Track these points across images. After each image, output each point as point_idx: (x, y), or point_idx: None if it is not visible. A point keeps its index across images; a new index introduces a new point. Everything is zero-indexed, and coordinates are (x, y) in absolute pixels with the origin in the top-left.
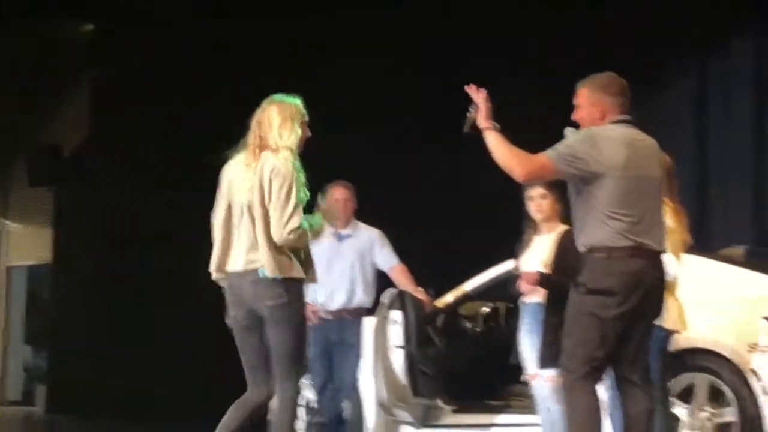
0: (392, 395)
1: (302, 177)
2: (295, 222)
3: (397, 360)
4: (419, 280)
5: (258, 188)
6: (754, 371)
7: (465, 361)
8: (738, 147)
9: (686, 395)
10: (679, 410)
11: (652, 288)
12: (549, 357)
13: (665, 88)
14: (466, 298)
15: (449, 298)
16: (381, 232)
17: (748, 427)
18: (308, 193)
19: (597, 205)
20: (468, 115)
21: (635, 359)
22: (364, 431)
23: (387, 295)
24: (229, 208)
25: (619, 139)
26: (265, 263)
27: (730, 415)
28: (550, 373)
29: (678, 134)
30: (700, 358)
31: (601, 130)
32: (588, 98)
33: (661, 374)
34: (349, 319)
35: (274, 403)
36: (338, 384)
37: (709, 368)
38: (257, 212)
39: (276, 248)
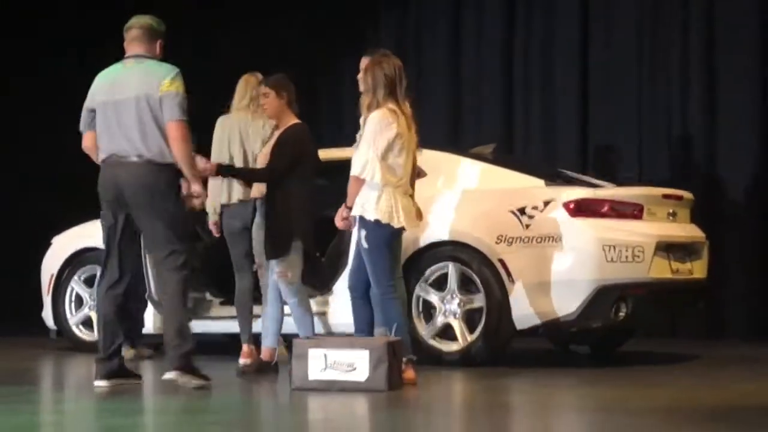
0: (159, 290)
1: None
2: None
3: None
4: None
5: None
6: (501, 261)
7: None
8: (489, 55)
9: (441, 284)
10: (434, 297)
11: (127, 189)
12: (272, 248)
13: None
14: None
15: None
16: None
17: (495, 312)
18: None
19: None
20: None
21: (154, 249)
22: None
23: None
24: None
25: (103, 75)
26: None
27: (478, 301)
28: (278, 267)
29: (434, 43)
30: (452, 250)
31: (100, 73)
32: None
33: (387, 269)
34: None
35: None
36: None
37: (460, 258)
38: None
39: None
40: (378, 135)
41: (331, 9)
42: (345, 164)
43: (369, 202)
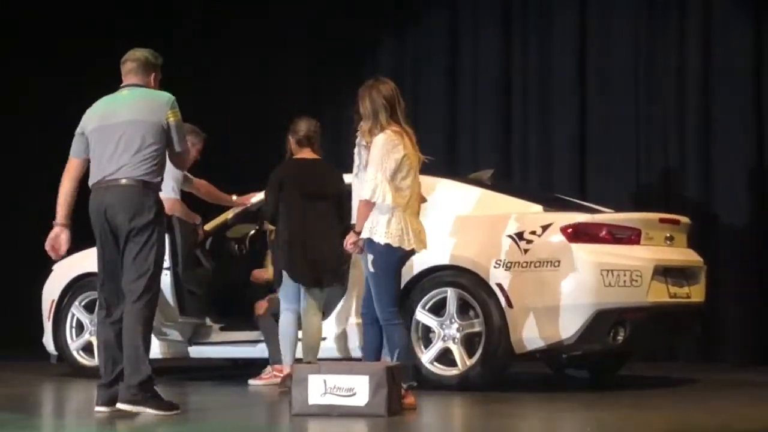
0: (160, 316)
1: None
2: None
3: (164, 282)
4: (190, 206)
5: None
6: (499, 285)
7: (233, 281)
8: (487, 82)
9: (439, 308)
10: (432, 322)
11: (110, 210)
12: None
13: (415, 25)
14: (227, 224)
15: (218, 221)
16: None
17: (495, 337)
18: None
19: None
20: None
21: (126, 273)
22: None
23: None
24: None
25: (97, 104)
26: None
27: (477, 326)
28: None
29: (432, 70)
30: (450, 275)
31: (95, 102)
32: None
33: (393, 294)
34: None
35: None
36: None
37: (459, 283)
38: None
39: None
40: (385, 157)
41: (331, 40)
42: None
43: (379, 225)
